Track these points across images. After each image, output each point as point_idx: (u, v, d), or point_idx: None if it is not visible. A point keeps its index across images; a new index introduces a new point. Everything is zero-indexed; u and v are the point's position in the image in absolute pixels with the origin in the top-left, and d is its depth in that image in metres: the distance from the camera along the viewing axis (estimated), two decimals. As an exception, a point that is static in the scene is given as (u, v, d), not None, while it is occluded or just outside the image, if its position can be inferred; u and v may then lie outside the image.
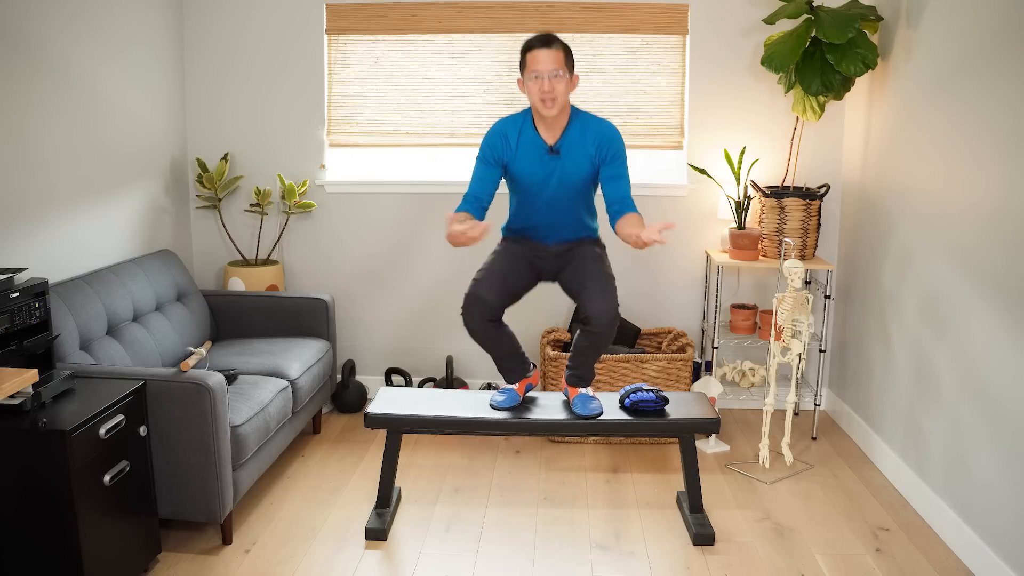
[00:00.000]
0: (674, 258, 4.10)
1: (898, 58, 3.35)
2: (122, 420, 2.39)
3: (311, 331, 3.73)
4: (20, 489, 2.17)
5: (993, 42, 2.64)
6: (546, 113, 2.71)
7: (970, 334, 2.74)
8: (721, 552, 2.77)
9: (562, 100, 2.70)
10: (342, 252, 4.16)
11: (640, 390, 2.93)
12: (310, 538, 2.85)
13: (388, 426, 2.90)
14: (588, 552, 2.78)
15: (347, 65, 4.04)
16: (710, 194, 4.02)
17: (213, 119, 4.07)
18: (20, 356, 2.33)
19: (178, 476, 2.63)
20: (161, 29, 3.80)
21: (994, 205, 2.60)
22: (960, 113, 2.84)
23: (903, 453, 3.22)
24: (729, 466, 3.45)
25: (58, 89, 3.04)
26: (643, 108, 3.99)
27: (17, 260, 2.79)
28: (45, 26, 2.95)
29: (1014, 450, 2.46)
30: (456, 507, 3.09)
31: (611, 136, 2.79)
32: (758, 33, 3.88)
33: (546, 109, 2.70)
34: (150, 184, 3.72)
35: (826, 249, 4.04)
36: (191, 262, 4.15)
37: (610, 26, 3.92)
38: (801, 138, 3.86)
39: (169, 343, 3.27)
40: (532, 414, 2.89)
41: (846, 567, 2.68)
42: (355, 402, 4.04)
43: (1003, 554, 2.49)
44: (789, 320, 3.24)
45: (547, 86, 2.66)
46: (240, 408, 2.82)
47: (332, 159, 4.14)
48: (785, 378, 4.07)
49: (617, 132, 2.81)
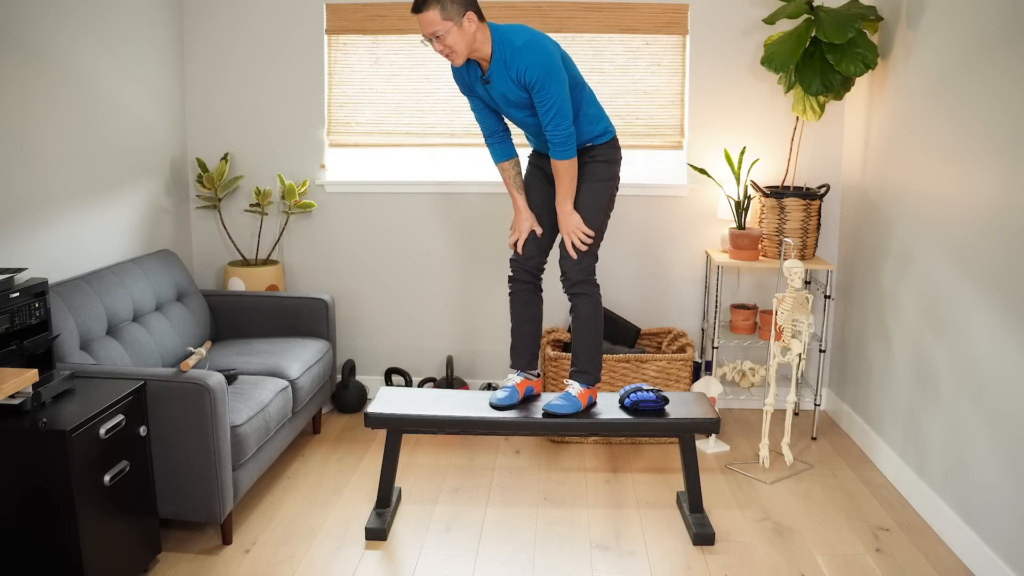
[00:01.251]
0: (674, 258, 4.11)
1: (898, 58, 3.35)
2: (122, 420, 2.39)
3: (311, 331, 3.73)
4: (20, 489, 2.17)
5: (993, 42, 2.64)
6: (456, 65, 2.75)
7: (970, 334, 2.74)
8: (721, 552, 2.77)
9: (460, 49, 2.67)
10: (342, 252, 4.16)
11: (640, 390, 2.93)
12: (310, 538, 2.85)
13: (388, 426, 2.90)
14: (588, 552, 2.78)
15: (347, 65, 4.04)
16: (710, 194, 4.02)
17: (213, 119, 4.07)
18: (20, 356, 2.33)
19: (178, 476, 2.63)
20: (161, 29, 3.80)
21: (994, 205, 2.60)
22: (960, 113, 2.84)
23: (903, 453, 3.22)
24: (729, 466, 3.45)
25: (58, 89, 3.03)
26: (643, 108, 3.99)
27: (17, 260, 2.79)
28: (45, 26, 2.95)
29: (1014, 450, 2.46)
30: (456, 507, 3.09)
31: (523, 65, 2.67)
32: (758, 33, 3.88)
33: (454, 63, 2.73)
34: (150, 184, 3.72)
35: (826, 249, 4.04)
36: (191, 262, 4.15)
37: (610, 26, 3.92)
38: (801, 138, 3.86)
39: (169, 343, 3.27)
40: (532, 414, 2.90)
41: (846, 567, 2.68)
42: (355, 402, 4.04)
43: (1003, 554, 2.49)
44: (789, 320, 3.24)
45: (438, 47, 2.68)
46: (240, 408, 2.82)
47: (332, 159, 4.14)
48: (785, 378, 4.07)
49: (529, 53, 2.67)
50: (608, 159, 2.92)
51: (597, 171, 2.90)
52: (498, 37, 2.72)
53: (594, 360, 2.95)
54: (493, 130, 2.98)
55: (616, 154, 2.94)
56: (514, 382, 3.00)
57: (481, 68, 2.79)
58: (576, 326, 2.95)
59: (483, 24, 2.70)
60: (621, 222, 4.07)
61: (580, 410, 2.90)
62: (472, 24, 2.66)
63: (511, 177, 3.00)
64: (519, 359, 3.05)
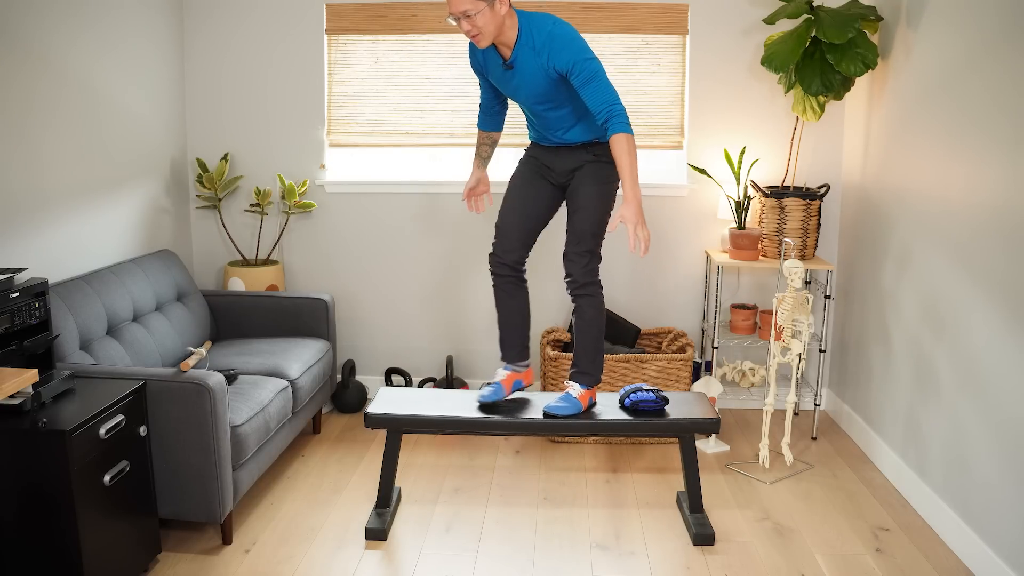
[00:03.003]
0: (674, 258, 4.11)
1: (898, 58, 3.35)
2: (122, 420, 2.39)
3: (311, 331, 3.73)
4: (20, 489, 2.17)
5: (993, 42, 2.64)
6: (481, 47, 2.70)
7: (970, 334, 2.74)
8: (721, 552, 2.77)
9: (489, 31, 2.63)
10: (342, 252, 4.16)
11: (640, 390, 2.93)
12: (310, 538, 2.85)
13: (388, 426, 2.90)
14: (588, 552, 2.78)
15: (347, 65, 4.04)
16: (710, 194, 4.02)
17: (213, 119, 4.07)
18: (20, 356, 2.33)
19: (178, 476, 2.63)
20: (161, 29, 3.80)
21: (994, 205, 2.60)
22: (960, 113, 2.84)
23: (903, 453, 3.22)
24: (729, 466, 3.45)
25: (58, 89, 3.03)
26: (643, 108, 3.99)
27: (17, 260, 2.79)
28: (45, 26, 2.95)
29: (1014, 450, 2.46)
30: (456, 507, 3.09)
31: (557, 47, 2.64)
32: (758, 33, 3.88)
33: (479, 44, 2.69)
34: (150, 184, 3.72)
35: (826, 249, 4.05)
36: (191, 262, 4.15)
37: (610, 26, 3.92)
38: (801, 138, 3.86)
39: (169, 343, 3.27)
40: (532, 414, 2.90)
41: (846, 567, 2.68)
42: (355, 402, 4.04)
43: (1003, 554, 2.49)
44: (789, 320, 3.24)
45: (466, 27, 2.63)
46: (240, 408, 2.82)
47: (332, 159, 4.14)
48: (785, 378, 4.07)
49: (562, 39, 2.65)
50: (611, 160, 2.90)
51: (602, 172, 2.87)
52: (526, 23, 2.70)
53: (595, 362, 2.94)
54: (493, 107, 3.04)
55: None
56: (500, 377, 2.99)
57: (502, 54, 2.77)
58: (579, 327, 2.94)
59: (512, 10, 2.68)
60: (621, 222, 4.07)
61: (581, 411, 2.89)
62: (504, 7, 2.63)
63: (486, 146, 3.09)
64: (509, 351, 3.03)
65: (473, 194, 3.09)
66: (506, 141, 3.94)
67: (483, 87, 3.00)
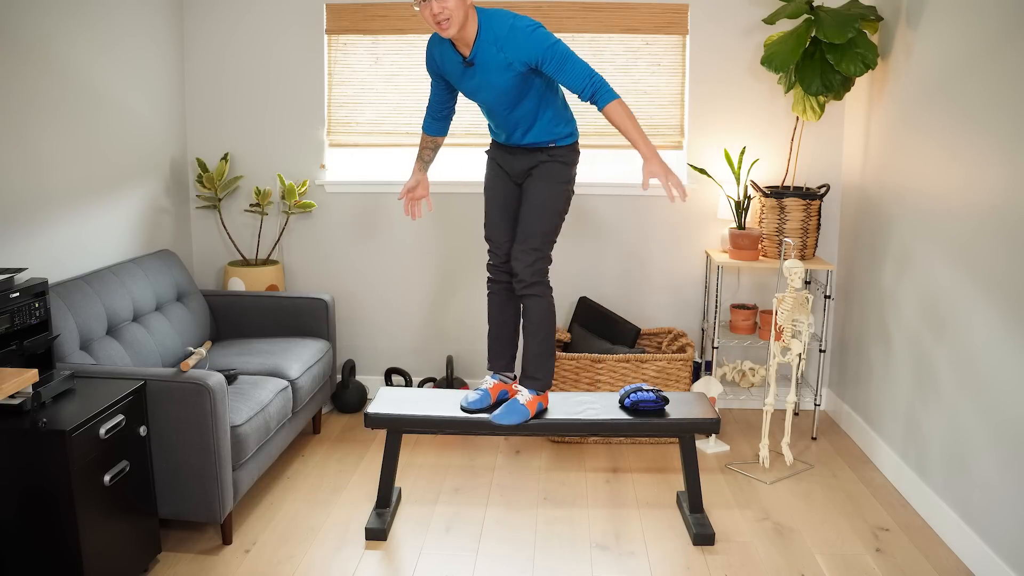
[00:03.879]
0: (674, 258, 4.10)
1: (898, 58, 3.35)
2: (122, 420, 2.39)
3: (311, 331, 3.73)
4: (20, 489, 2.17)
5: (993, 42, 2.64)
6: (446, 35, 2.61)
7: (970, 334, 2.74)
8: (721, 552, 2.77)
9: (458, 17, 2.56)
10: (342, 252, 4.16)
11: (640, 390, 2.93)
12: (310, 538, 2.85)
13: (388, 426, 2.90)
14: (588, 552, 2.78)
15: (347, 65, 4.04)
16: (710, 194, 4.02)
17: (213, 119, 4.07)
18: (20, 356, 2.33)
19: (178, 476, 2.63)
20: (161, 29, 3.80)
21: (994, 205, 2.60)
22: (960, 113, 2.84)
23: (903, 453, 3.22)
24: (729, 466, 3.45)
25: (58, 89, 3.03)
26: (643, 108, 3.99)
27: (17, 260, 2.79)
28: (45, 26, 2.95)
29: (1014, 450, 2.46)
30: (456, 507, 3.09)
31: (522, 40, 2.60)
32: (758, 33, 3.88)
33: (444, 31, 2.59)
34: (150, 184, 3.72)
35: (826, 249, 4.05)
36: (191, 262, 4.15)
37: (610, 26, 3.92)
38: (801, 138, 3.86)
39: (169, 343, 3.27)
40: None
41: (846, 567, 2.68)
42: (355, 402, 4.04)
43: (1003, 554, 2.49)
44: (789, 320, 3.24)
45: (436, 8, 2.53)
46: (240, 408, 2.82)
47: (332, 159, 4.14)
48: (785, 378, 4.07)
49: (524, 31, 2.61)
50: (567, 162, 2.86)
51: (556, 172, 2.83)
52: (486, 20, 2.65)
53: (545, 365, 2.89)
54: (442, 112, 2.98)
55: (575, 158, 2.89)
56: (488, 385, 2.97)
57: (460, 52, 2.72)
58: (527, 329, 2.88)
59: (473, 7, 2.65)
60: (621, 222, 4.07)
61: (528, 419, 2.84)
62: None
63: (428, 150, 3.05)
64: (496, 361, 3.03)
65: (412, 196, 3.01)
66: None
67: (435, 89, 2.92)
